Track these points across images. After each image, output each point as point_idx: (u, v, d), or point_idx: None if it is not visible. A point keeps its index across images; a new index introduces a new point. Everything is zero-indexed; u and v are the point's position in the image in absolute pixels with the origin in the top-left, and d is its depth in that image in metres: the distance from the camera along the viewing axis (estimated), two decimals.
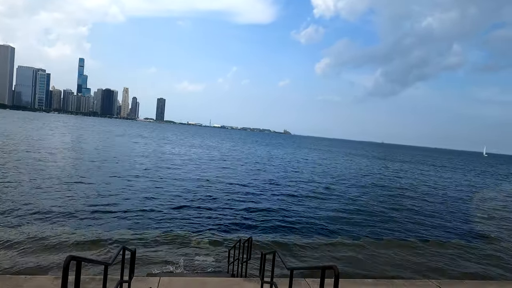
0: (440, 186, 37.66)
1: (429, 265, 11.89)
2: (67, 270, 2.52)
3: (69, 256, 2.61)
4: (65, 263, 2.52)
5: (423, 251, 13.40)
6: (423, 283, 7.52)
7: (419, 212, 21.64)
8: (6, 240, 10.65)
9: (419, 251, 13.43)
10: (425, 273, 10.82)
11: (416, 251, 13.32)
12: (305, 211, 19.10)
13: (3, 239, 10.67)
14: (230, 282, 6.90)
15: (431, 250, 13.61)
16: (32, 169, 24.40)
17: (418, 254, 13.02)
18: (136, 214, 15.22)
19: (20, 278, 6.12)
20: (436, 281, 7.72)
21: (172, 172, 29.96)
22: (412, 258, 12.45)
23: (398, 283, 7.42)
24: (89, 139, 62.71)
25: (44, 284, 5.96)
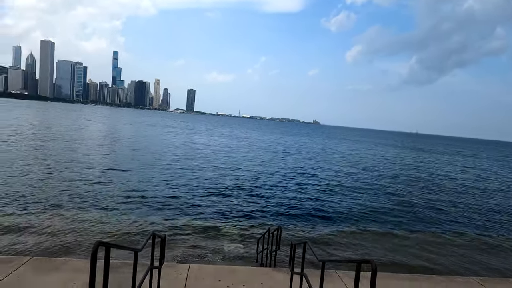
0: (479, 178, 35.59)
1: (469, 261, 11.24)
2: (95, 255, 2.49)
3: (98, 241, 2.59)
4: (94, 248, 2.50)
5: (461, 246, 12.69)
6: (464, 281, 7.08)
7: (457, 205, 20.55)
8: (44, 223, 11.23)
9: (457, 245, 12.75)
10: (464, 270, 10.23)
11: (453, 246, 12.64)
12: (335, 201, 18.70)
13: (42, 223, 11.26)
14: (259, 271, 6.82)
15: (469, 245, 12.87)
16: (71, 156, 25.64)
17: (456, 249, 12.35)
18: (167, 202, 15.56)
19: (57, 260, 6.37)
20: (478, 278, 7.24)
21: (201, 161, 30.40)
22: (449, 253, 11.83)
23: (437, 279, 7.03)
24: (123, 129, 65.08)
25: (80, 267, 6.16)
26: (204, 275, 6.33)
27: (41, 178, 17.84)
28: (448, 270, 9.95)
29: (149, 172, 22.66)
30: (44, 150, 28.18)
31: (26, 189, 15.45)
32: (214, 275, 6.36)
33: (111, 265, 6.33)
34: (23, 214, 11.99)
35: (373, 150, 67.07)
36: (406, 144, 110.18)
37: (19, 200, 13.63)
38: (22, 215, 11.83)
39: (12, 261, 6.09)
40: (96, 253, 2.49)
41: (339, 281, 6.52)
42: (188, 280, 6.08)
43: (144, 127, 79.21)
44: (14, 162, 21.51)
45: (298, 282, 5.11)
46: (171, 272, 6.32)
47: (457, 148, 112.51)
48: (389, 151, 69.46)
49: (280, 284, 6.15)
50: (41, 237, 10.02)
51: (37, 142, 32.50)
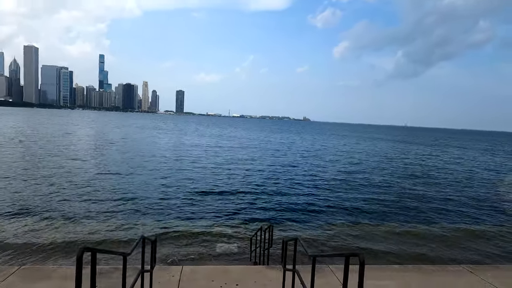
0: (464, 168, 36.25)
1: (458, 250, 11.44)
2: (81, 261, 2.45)
3: (83, 247, 2.55)
4: (78, 254, 2.46)
5: (450, 236, 12.91)
6: (455, 269, 7.21)
7: (444, 195, 20.89)
8: (31, 230, 11.03)
9: (446, 236, 12.96)
10: (455, 259, 10.41)
11: (443, 236, 12.85)
12: (325, 196, 18.82)
13: (29, 230, 11.06)
14: (252, 270, 6.84)
15: (459, 235, 13.10)
16: (58, 162, 25.23)
17: (446, 239, 12.56)
18: (157, 204, 15.44)
19: (47, 269, 6.28)
20: (467, 266, 7.37)
21: (190, 162, 30.25)
22: (440, 243, 12.02)
23: (427, 268, 7.14)
24: (111, 132, 64.32)
25: (71, 275, 6.07)
26: (197, 277, 6.31)
27: (27, 184, 17.52)
28: (438, 260, 10.12)
29: (138, 175, 22.46)
30: (30, 156, 27.67)
31: (13, 196, 15.15)
32: (208, 276, 6.35)
33: (101, 270, 6.27)
34: (9, 222, 11.75)
35: (361, 145, 67.70)
36: (394, 138, 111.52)
37: (5, 207, 13.36)
38: (8, 223, 11.60)
39: (0, 271, 5.97)
40: (82, 259, 2.45)
41: (332, 275, 6.58)
42: (181, 282, 6.05)
43: (132, 130, 78.45)
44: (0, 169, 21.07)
45: (291, 279, 5.13)
46: (164, 275, 6.28)
47: (444, 140, 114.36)
48: (377, 145, 70.21)
49: (273, 282, 6.17)
50: (29, 245, 9.84)
51: (22, 149, 31.91)
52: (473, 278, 6.79)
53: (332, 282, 6.24)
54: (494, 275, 6.85)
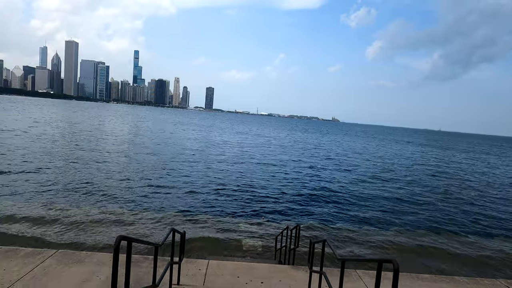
0: (504, 178, 34.18)
1: (493, 263, 10.83)
2: (117, 250, 2.55)
3: (120, 236, 2.65)
4: (116, 243, 2.56)
5: (486, 247, 12.24)
6: (491, 283, 6.82)
7: (482, 206, 19.82)
8: (69, 217, 11.63)
9: (482, 247, 12.30)
10: (488, 272, 9.86)
11: (478, 247, 12.21)
12: (355, 199, 18.43)
13: (67, 217, 11.66)
14: (278, 269, 6.82)
15: (494, 247, 12.39)
16: (98, 152, 26.40)
17: (481, 250, 11.92)
18: (187, 197, 15.80)
19: (82, 254, 6.58)
20: (504, 281, 6.97)
21: (221, 158, 30.65)
22: (473, 254, 11.43)
23: (460, 280, 6.81)
24: (145, 125, 66.48)
25: (103, 261, 6.35)
26: (223, 271, 6.39)
27: (66, 173, 18.46)
28: (472, 273, 9.63)
29: (170, 168, 23.02)
30: (71, 145, 29.15)
31: (53, 183, 16.03)
32: (233, 272, 6.41)
33: (132, 259, 6.49)
34: (50, 208, 12.46)
35: (395, 149, 65.60)
36: (430, 143, 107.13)
37: (45, 194, 14.17)
38: (49, 209, 12.29)
39: (39, 253, 6.34)
40: (119, 247, 2.55)
41: (359, 280, 6.43)
42: (207, 276, 6.14)
43: (166, 125, 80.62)
44: (42, 156, 22.37)
45: (317, 281, 5.07)
46: (191, 268, 6.40)
47: (481, 147, 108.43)
48: (410, 149, 67.76)
49: (298, 282, 6.12)
50: (67, 231, 10.39)
51: (65, 138, 33.67)
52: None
53: (359, 287, 6.10)
54: None
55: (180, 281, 5.61)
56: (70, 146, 29.74)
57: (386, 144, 76.17)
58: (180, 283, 5.48)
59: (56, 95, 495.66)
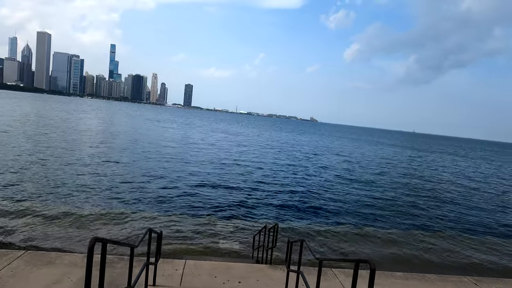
0: (472, 177, 35.86)
1: (463, 260, 11.34)
2: (92, 251, 2.47)
3: (94, 237, 2.56)
4: (90, 244, 2.47)
5: (458, 245, 12.78)
6: (458, 279, 7.13)
7: (453, 204, 20.69)
8: (38, 217, 11.16)
9: (454, 245, 12.83)
10: (459, 269, 10.31)
11: (450, 245, 12.73)
12: (332, 198, 18.75)
13: (36, 216, 11.19)
14: (255, 268, 6.83)
15: (466, 245, 12.97)
16: (66, 149, 25.48)
17: (453, 248, 12.44)
18: (163, 197, 15.52)
19: (52, 255, 6.33)
20: (471, 278, 7.30)
21: (198, 156, 30.35)
22: (445, 252, 11.91)
23: (430, 278, 7.07)
24: (120, 122, 64.83)
25: (75, 262, 6.14)
26: (200, 271, 6.33)
27: (37, 171, 17.72)
28: (442, 269, 10.03)
29: (144, 167, 22.58)
30: (42, 143, 27.98)
31: (23, 182, 15.34)
32: (210, 271, 6.36)
33: (106, 260, 6.30)
34: (17, 207, 11.91)
35: (370, 149, 67.29)
36: (402, 144, 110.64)
37: (14, 193, 13.53)
38: (16, 208, 11.75)
39: (6, 254, 6.05)
40: (93, 249, 2.47)
41: (335, 278, 6.55)
42: (184, 276, 6.07)
43: (142, 121, 78.95)
44: (9, 154, 21.35)
45: (295, 280, 5.11)
46: (167, 268, 6.30)
47: (450, 148, 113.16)
48: (384, 149, 69.73)
49: (276, 282, 6.16)
50: (35, 231, 9.96)
51: (35, 135, 32.27)
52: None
53: (335, 286, 6.21)
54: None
55: (156, 282, 5.51)
56: (35, 142, 28.56)
57: (361, 145, 77.98)
58: (156, 284, 5.38)
59: (26, 88, 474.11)
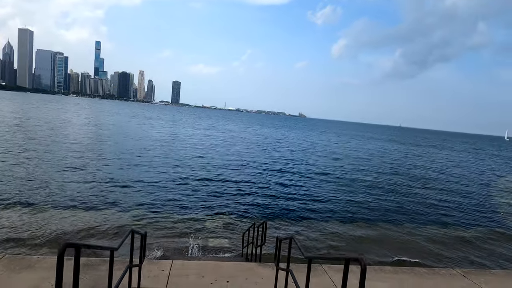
0: (456, 170, 36.52)
1: (452, 253, 11.44)
2: (62, 258, 2.27)
3: (65, 243, 2.35)
4: (60, 250, 2.27)
5: (446, 239, 12.91)
6: (447, 272, 7.14)
7: (440, 198, 20.97)
8: (17, 219, 10.79)
9: (442, 238, 12.95)
10: (448, 262, 10.40)
11: (439, 239, 12.84)
12: (320, 195, 18.76)
13: (15, 219, 10.80)
14: (244, 267, 6.69)
15: (453, 237, 13.11)
16: (48, 150, 24.82)
17: (441, 241, 12.54)
18: (149, 196, 15.25)
19: (32, 259, 6.06)
20: (460, 270, 7.32)
21: (185, 154, 30.00)
22: (434, 245, 12.01)
23: (419, 271, 7.06)
24: (108, 120, 63.68)
25: (55, 264, 5.89)
26: (187, 272, 6.16)
27: (16, 171, 17.16)
28: (431, 262, 10.10)
29: (129, 165, 22.18)
30: (21, 142, 27.19)
31: (3, 183, 14.83)
32: (198, 271, 6.20)
33: (88, 262, 6.07)
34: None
35: (356, 143, 67.86)
36: (388, 137, 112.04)
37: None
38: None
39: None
40: (63, 255, 2.27)
41: (324, 274, 6.47)
42: (170, 277, 5.89)
43: (128, 119, 77.73)
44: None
45: (284, 278, 4.99)
46: (153, 269, 6.11)
47: (434, 142, 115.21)
48: (371, 143, 70.44)
49: (264, 280, 6.04)
50: (14, 234, 9.60)
51: (15, 134, 31.35)
52: (466, 282, 6.74)
53: (325, 282, 6.13)
54: (486, 280, 6.80)
55: (141, 284, 5.31)
56: (19, 141, 27.76)
57: (350, 139, 78.60)
58: (141, 286, 5.18)
59: (9, 86, 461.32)
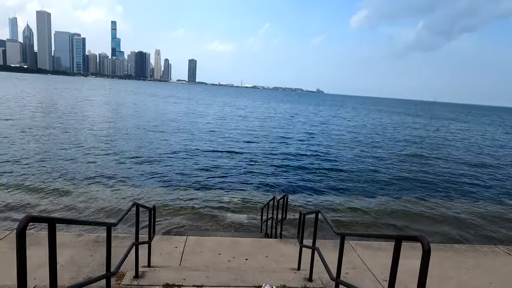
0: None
1: (495, 230, 10.56)
2: (22, 235, 1.70)
3: (28, 216, 1.79)
4: (20, 226, 1.70)
5: (486, 215, 11.94)
6: (489, 249, 6.42)
7: (476, 173, 19.78)
8: (19, 192, 10.67)
9: (478, 214, 12.03)
10: (491, 240, 9.58)
11: (473, 214, 11.95)
12: (345, 169, 17.95)
13: (22, 193, 10.69)
14: (263, 243, 6.19)
15: (494, 214, 12.15)
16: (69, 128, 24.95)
17: (481, 218, 11.61)
18: (166, 170, 14.93)
19: (40, 235, 5.76)
20: (504, 247, 6.57)
21: (202, 129, 29.59)
22: (473, 221, 11.14)
23: (459, 248, 6.37)
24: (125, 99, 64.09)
25: (64, 241, 5.55)
26: (202, 248, 5.70)
27: (32, 147, 17.20)
28: (470, 240, 9.33)
29: (148, 140, 21.95)
30: (39, 121, 27.48)
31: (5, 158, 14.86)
32: (214, 248, 5.74)
33: (99, 239, 5.65)
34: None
35: (379, 119, 65.77)
36: (415, 112, 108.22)
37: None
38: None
39: None
40: (24, 232, 1.71)
41: (352, 252, 5.88)
42: (184, 254, 5.44)
43: (144, 98, 78.03)
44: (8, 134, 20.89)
45: (309, 256, 4.41)
46: (166, 246, 5.67)
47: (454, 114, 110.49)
48: (393, 118, 68.12)
49: (286, 258, 5.50)
50: (16, 210, 9.46)
51: (35, 114, 31.79)
52: (511, 259, 6.03)
53: (354, 260, 5.54)
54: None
55: (153, 262, 4.86)
56: (46, 122, 28.06)
57: (368, 114, 76.35)
58: (151, 265, 4.74)
59: (30, 69, 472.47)
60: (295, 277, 4.30)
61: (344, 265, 4.22)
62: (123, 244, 5.46)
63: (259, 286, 3.95)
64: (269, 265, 5.21)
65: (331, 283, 4.47)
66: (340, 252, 3.31)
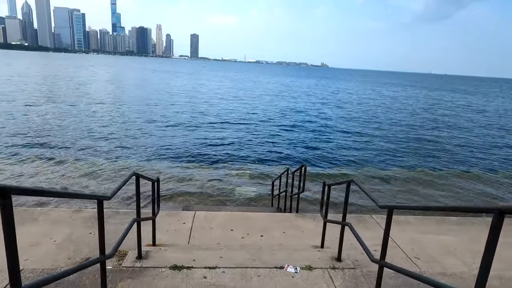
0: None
1: None
2: None
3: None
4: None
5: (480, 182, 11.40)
6: None
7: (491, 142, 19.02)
8: (24, 168, 10.21)
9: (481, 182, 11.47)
10: None
11: (475, 182, 11.39)
12: (357, 142, 17.27)
13: (15, 165, 10.23)
14: (279, 218, 5.65)
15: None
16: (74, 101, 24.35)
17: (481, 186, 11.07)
18: (173, 143, 14.38)
19: (35, 211, 5.26)
20: None
21: (209, 104, 28.84)
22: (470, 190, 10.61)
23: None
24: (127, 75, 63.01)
25: (62, 218, 5.05)
26: (212, 224, 5.18)
27: (29, 121, 16.68)
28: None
29: (154, 116, 21.33)
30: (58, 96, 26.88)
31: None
32: (225, 224, 5.21)
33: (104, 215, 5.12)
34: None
35: (389, 91, 64.22)
36: (422, 85, 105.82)
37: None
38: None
39: None
40: None
41: (378, 227, 5.33)
42: (193, 231, 4.91)
43: (146, 73, 76.74)
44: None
45: (334, 233, 3.85)
46: (172, 221, 5.15)
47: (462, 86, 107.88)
48: (398, 91, 66.50)
49: (306, 234, 4.97)
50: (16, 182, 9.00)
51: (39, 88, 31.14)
52: None
53: (381, 236, 4.97)
54: None
55: (158, 240, 4.34)
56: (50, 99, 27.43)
57: (377, 87, 74.65)
58: (156, 244, 4.22)
59: (31, 47, 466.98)
60: (321, 257, 3.75)
61: (369, 241, 3.66)
62: (126, 220, 4.94)
63: (280, 267, 3.41)
64: (288, 242, 4.68)
65: (365, 263, 3.94)
66: (387, 229, 2.72)
